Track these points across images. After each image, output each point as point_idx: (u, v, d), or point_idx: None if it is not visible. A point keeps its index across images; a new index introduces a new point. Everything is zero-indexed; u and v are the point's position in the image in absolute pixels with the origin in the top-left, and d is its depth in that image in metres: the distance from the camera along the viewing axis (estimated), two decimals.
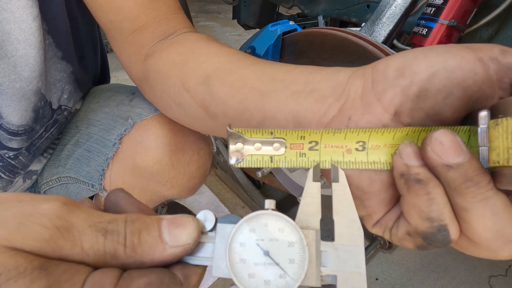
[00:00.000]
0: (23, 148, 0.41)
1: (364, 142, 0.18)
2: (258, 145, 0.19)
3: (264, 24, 1.14)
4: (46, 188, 0.50)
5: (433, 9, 0.45)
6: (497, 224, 0.15)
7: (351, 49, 0.41)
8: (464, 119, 0.17)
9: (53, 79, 0.40)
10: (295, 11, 1.00)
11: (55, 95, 0.42)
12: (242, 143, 0.19)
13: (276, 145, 0.19)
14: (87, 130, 0.45)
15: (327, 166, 0.19)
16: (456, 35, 0.45)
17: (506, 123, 0.14)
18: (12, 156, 0.41)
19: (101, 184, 0.45)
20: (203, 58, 0.29)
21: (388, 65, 0.18)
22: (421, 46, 0.46)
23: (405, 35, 0.70)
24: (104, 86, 0.53)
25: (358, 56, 0.41)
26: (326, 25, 1.15)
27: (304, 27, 1.43)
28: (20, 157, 0.42)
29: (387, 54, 0.40)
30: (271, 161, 0.19)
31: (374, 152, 0.18)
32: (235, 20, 1.07)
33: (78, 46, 0.43)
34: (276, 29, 0.47)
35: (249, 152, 0.19)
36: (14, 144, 0.39)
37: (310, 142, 0.19)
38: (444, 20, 0.43)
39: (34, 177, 0.49)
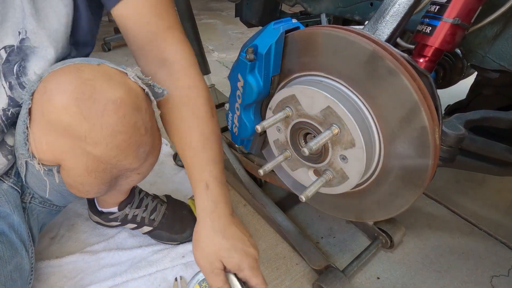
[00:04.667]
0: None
1: None
2: None
3: (266, 22, 1.13)
4: (24, 179, 0.54)
5: (437, 7, 0.44)
6: None
7: (353, 48, 0.41)
8: None
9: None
10: (298, 9, 0.99)
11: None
12: None
13: None
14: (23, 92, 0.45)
15: None
16: (461, 33, 0.45)
17: None
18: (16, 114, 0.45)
19: (28, 150, 0.44)
20: (183, 127, 0.47)
21: None
22: (425, 44, 0.46)
23: (408, 33, 0.69)
24: None
25: (360, 55, 0.41)
26: (329, 23, 1.15)
27: (306, 25, 1.42)
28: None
29: (390, 53, 0.39)
30: None
31: None
32: (238, 18, 1.07)
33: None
34: (279, 27, 0.47)
35: None
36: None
37: None
38: (448, 18, 0.43)
39: (10, 157, 0.50)
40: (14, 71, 0.41)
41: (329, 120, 0.44)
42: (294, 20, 0.49)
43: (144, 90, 0.42)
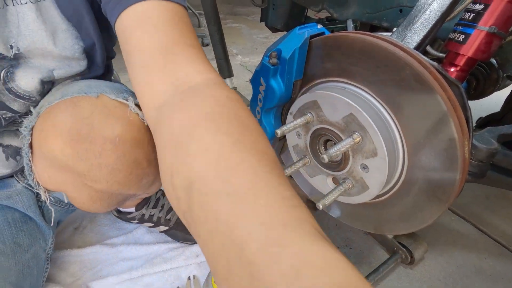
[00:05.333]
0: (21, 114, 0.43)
1: None
2: None
3: (291, 27, 1.13)
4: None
5: (472, 14, 0.42)
6: None
7: (380, 55, 0.40)
8: None
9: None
10: (323, 14, 0.99)
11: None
12: None
13: None
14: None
15: None
16: (497, 42, 0.42)
17: None
18: (7, 118, 0.43)
19: (33, 179, 0.43)
20: (194, 149, 0.25)
21: None
22: (457, 53, 0.44)
23: (439, 41, 0.66)
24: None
25: (387, 62, 0.40)
26: (356, 29, 1.13)
27: (332, 31, 1.40)
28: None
29: (419, 61, 0.38)
30: None
31: None
32: (263, 23, 1.08)
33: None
34: (304, 32, 0.47)
35: None
36: (16, 106, 0.42)
37: None
38: (483, 26, 0.41)
39: (19, 158, 0.49)
40: (1, 75, 0.40)
41: (351, 128, 0.44)
42: (319, 26, 0.49)
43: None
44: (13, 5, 0.37)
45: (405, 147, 0.42)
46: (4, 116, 0.43)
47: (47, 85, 0.44)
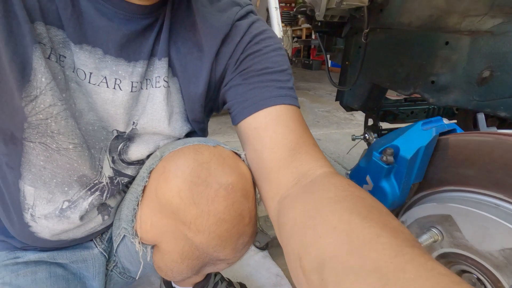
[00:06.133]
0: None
1: None
2: None
3: (369, 108, 1.07)
4: (115, 248, 0.53)
5: None
6: None
7: None
8: None
9: None
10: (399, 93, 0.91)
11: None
12: None
13: None
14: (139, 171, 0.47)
15: None
16: None
17: None
18: (124, 183, 0.47)
19: (133, 227, 0.44)
20: (320, 229, 0.25)
21: None
22: None
23: None
24: None
25: None
26: (454, 115, 1.03)
27: (411, 112, 1.30)
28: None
29: None
30: None
31: None
32: (324, 97, 1.05)
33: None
34: (431, 129, 0.38)
35: None
36: (129, 171, 0.46)
37: None
38: None
39: (107, 217, 0.50)
40: (118, 149, 0.44)
41: None
42: (445, 121, 0.40)
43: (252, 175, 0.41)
44: (146, 88, 0.41)
45: None
46: (122, 181, 0.47)
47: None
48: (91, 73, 0.37)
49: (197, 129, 0.48)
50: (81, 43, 0.36)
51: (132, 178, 0.48)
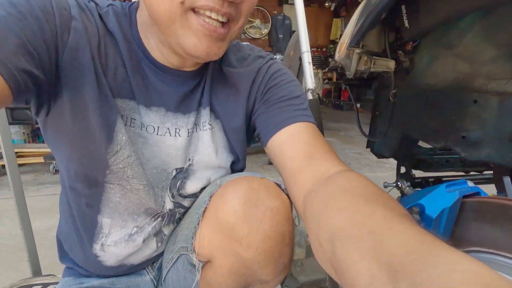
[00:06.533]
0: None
1: None
2: None
3: (401, 157, 1.07)
4: (164, 275, 0.58)
5: None
6: None
7: None
8: None
9: None
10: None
11: None
12: None
13: None
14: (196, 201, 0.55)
15: None
16: None
17: None
18: (181, 213, 0.56)
19: (192, 244, 0.51)
20: (331, 211, 0.32)
21: None
22: None
23: None
24: None
25: None
26: (482, 167, 1.00)
27: (447, 161, 1.27)
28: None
29: None
30: None
31: None
32: (355, 138, 1.07)
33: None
34: (454, 191, 0.41)
35: None
36: (186, 203, 0.55)
37: None
38: None
39: (160, 244, 0.57)
40: (177, 185, 0.53)
41: None
42: (470, 184, 0.43)
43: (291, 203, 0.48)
44: (197, 131, 0.52)
45: None
46: (179, 211, 0.56)
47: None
48: (158, 127, 0.49)
49: (241, 159, 0.58)
50: (150, 106, 0.47)
51: (187, 209, 0.57)
